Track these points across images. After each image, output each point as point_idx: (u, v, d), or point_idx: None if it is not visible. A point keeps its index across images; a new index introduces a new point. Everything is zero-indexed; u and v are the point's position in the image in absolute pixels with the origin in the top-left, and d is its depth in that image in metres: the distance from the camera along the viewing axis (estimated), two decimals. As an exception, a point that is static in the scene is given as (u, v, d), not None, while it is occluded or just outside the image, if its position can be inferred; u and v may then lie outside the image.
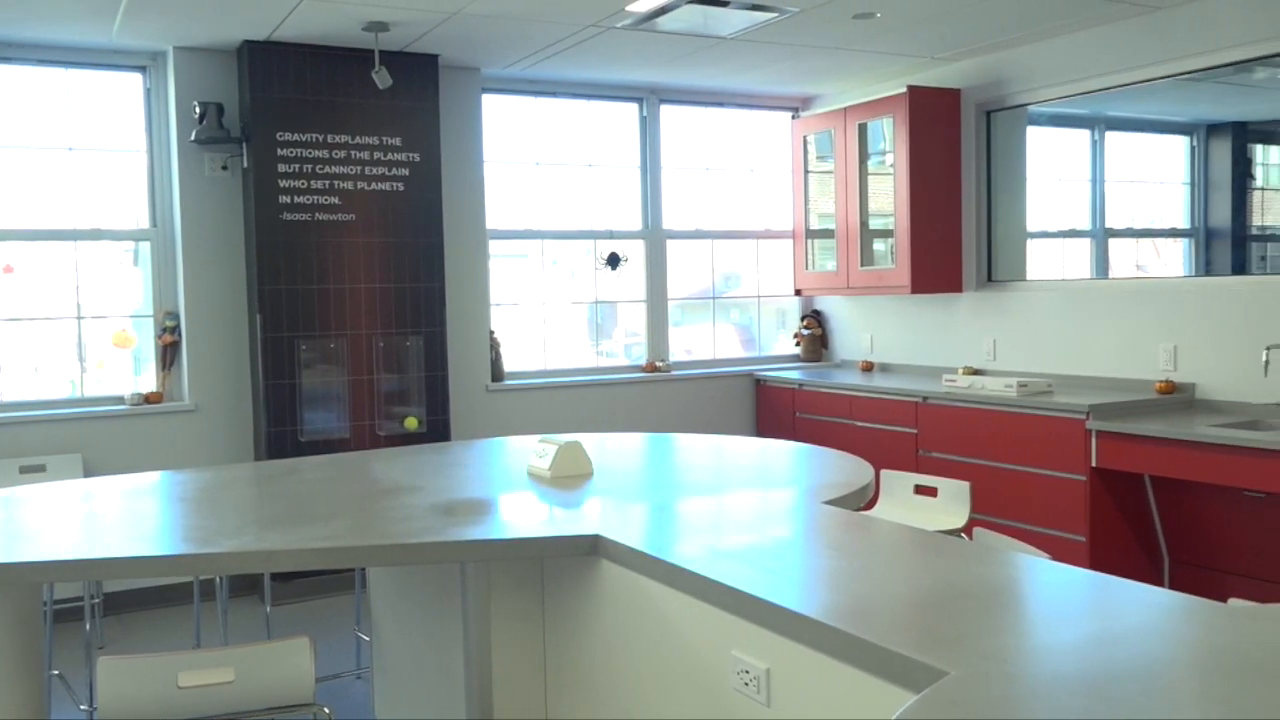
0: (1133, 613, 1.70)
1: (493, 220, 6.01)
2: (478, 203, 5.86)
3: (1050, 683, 1.43)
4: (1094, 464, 4.51)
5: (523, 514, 2.66)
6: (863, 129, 6.15)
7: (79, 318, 5.23)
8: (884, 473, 3.66)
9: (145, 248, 5.34)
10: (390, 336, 5.36)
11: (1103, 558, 4.53)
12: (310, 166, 5.14)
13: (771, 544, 2.22)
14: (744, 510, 2.61)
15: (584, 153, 6.34)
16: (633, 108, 6.45)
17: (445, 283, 5.53)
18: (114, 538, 2.44)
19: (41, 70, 5.11)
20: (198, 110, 5.10)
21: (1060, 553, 4.46)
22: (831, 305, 6.94)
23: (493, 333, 5.99)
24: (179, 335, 5.29)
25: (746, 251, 6.91)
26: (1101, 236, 5.40)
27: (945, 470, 5.07)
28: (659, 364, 6.47)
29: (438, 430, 5.45)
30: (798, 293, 6.82)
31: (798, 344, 6.99)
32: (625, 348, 6.63)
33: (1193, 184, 4.95)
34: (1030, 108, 5.57)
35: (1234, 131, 4.84)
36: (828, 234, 6.51)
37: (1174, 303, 4.86)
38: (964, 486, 3.43)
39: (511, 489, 2.95)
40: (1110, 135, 5.38)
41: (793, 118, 6.80)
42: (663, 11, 4.64)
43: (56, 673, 3.96)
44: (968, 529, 3.29)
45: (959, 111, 5.87)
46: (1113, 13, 4.84)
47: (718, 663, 1.97)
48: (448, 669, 2.78)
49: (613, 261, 6.28)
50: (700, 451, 3.58)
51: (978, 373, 5.71)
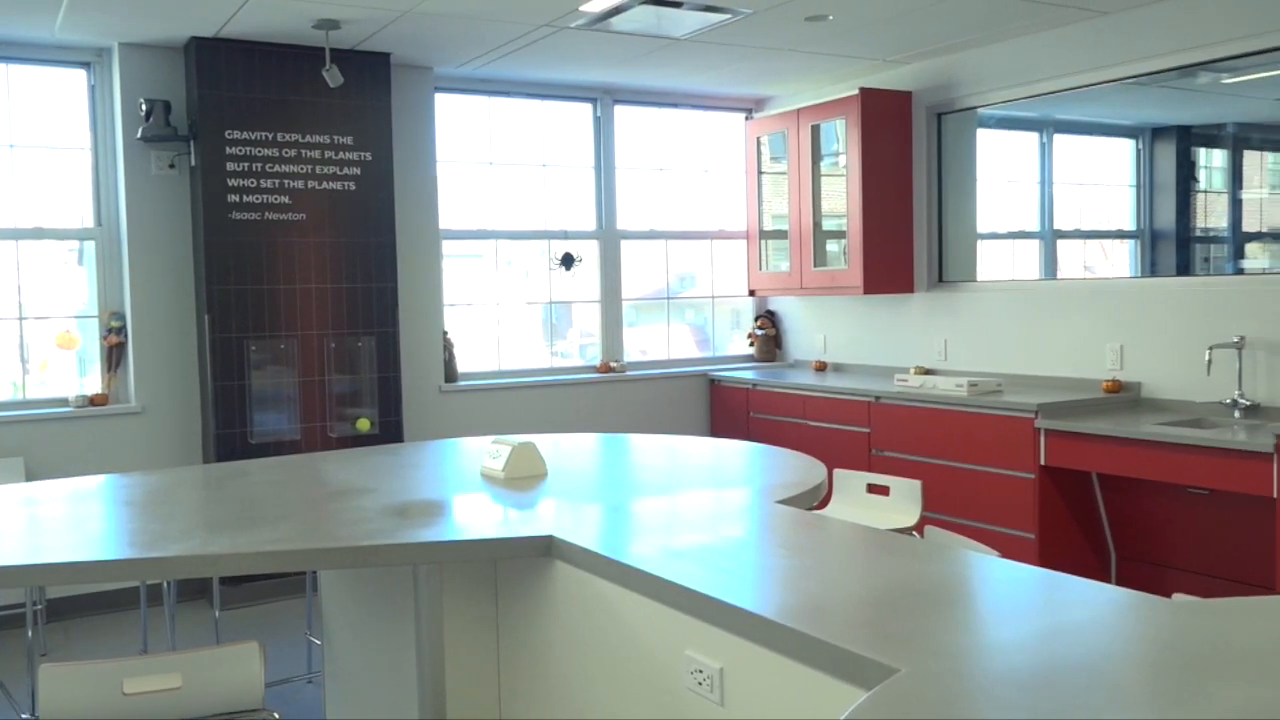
0: (1080, 609, 1.73)
1: (446, 220, 5.97)
2: (431, 203, 5.82)
3: (998, 678, 1.44)
4: (1043, 462, 4.57)
5: (476, 515, 2.65)
6: (815, 130, 6.19)
7: (21, 318, 5.12)
8: (837, 472, 3.68)
9: (90, 247, 5.24)
10: (342, 337, 5.31)
11: (1051, 555, 4.59)
12: (260, 165, 5.08)
13: (725, 544, 2.23)
14: (697, 510, 2.61)
15: (538, 153, 6.32)
16: (587, 108, 6.44)
17: (398, 283, 5.49)
18: (57, 542, 2.39)
19: (-18, 65, 5.01)
20: (144, 108, 5.02)
21: (1010, 550, 4.52)
22: (785, 305, 6.98)
23: (446, 333, 5.96)
24: (125, 336, 5.20)
25: (701, 252, 6.93)
26: (1050, 238, 5.48)
27: (897, 469, 5.12)
28: (613, 364, 6.47)
29: (390, 432, 5.41)
30: (752, 293, 6.84)
31: (752, 344, 7.02)
32: (580, 348, 6.62)
33: (1138, 186, 5.03)
34: (980, 110, 5.64)
35: (1178, 135, 4.93)
36: (781, 235, 6.54)
37: (1120, 303, 4.94)
38: (915, 485, 3.46)
39: (465, 490, 2.93)
40: (1059, 138, 5.46)
41: (746, 119, 6.83)
42: (616, 12, 4.64)
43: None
44: (919, 527, 3.32)
45: (910, 113, 5.92)
46: (1060, 17, 4.91)
47: (671, 662, 1.97)
48: (400, 672, 2.75)
49: (567, 262, 6.26)
50: (654, 452, 3.58)
51: (929, 372, 5.77)
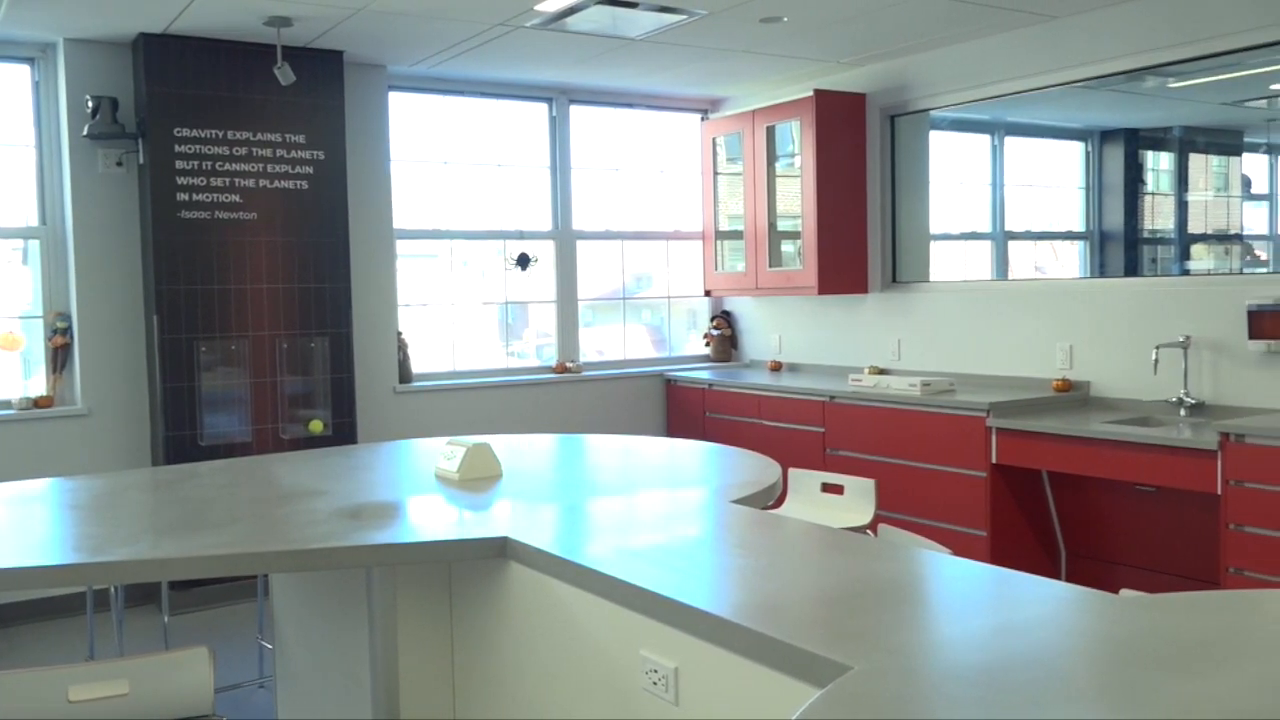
0: (1030, 605, 1.75)
1: (400, 220, 5.93)
2: (385, 202, 5.77)
3: (949, 674, 1.46)
4: (994, 460, 4.62)
5: (430, 517, 2.63)
6: (770, 131, 6.21)
7: (-37, 319, 5.02)
8: (791, 471, 3.70)
9: (34, 245, 5.14)
10: (294, 338, 5.25)
11: (1002, 552, 4.65)
12: (210, 163, 5.01)
13: (680, 543, 2.23)
14: (653, 510, 2.61)
15: (494, 152, 6.29)
16: (542, 108, 6.43)
17: (351, 283, 5.43)
18: (0, 547, 2.34)
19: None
20: (91, 104, 4.93)
21: (962, 548, 4.56)
22: (741, 306, 7.00)
23: (400, 334, 5.91)
24: (71, 337, 5.10)
25: (657, 252, 6.93)
26: (1001, 239, 5.54)
27: (852, 468, 5.15)
28: (569, 365, 6.45)
29: (344, 433, 5.36)
30: (707, 293, 6.86)
31: (707, 344, 7.04)
32: (536, 349, 6.60)
33: (1088, 188, 5.11)
34: (933, 112, 5.70)
35: (1126, 138, 5.01)
36: (737, 235, 6.56)
37: (1070, 303, 5.01)
38: (869, 484, 3.49)
39: (419, 492, 2.91)
40: (1010, 140, 5.53)
41: (702, 120, 6.85)
42: (572, 11, 4.63)
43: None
44: (873, 526, 3.35)
45: (864, 115, 5.97)
46: (1011, 21, 4.98)
47: (626, 662, 1.97)
48: (353, 675, 2.73)
49: (522, 262, 6.24)
50: (610, 452, 3.58)
51: (883, 372, 5.81)
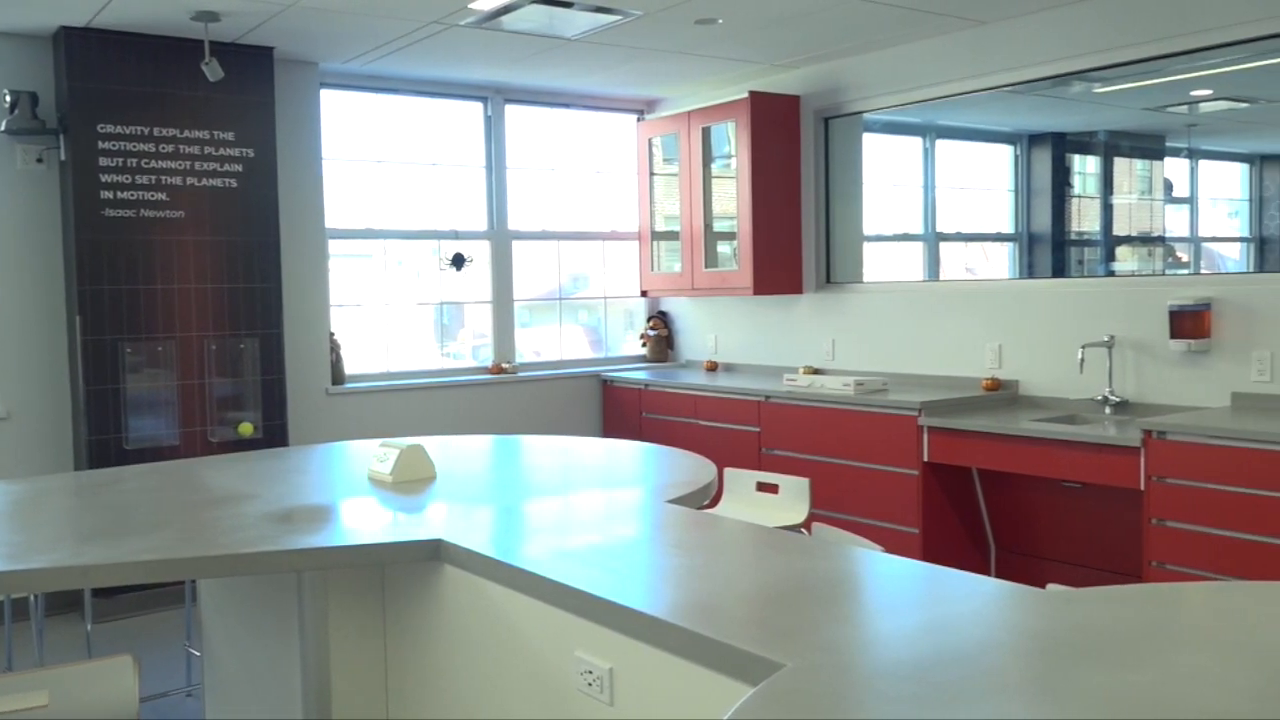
0: (960, 601, 1.77)
1: (333, 219, 5.85)
2: (316, 201, 5.69)
3: (881, 670, 1.47)
4: (926, 459, 4.69)
5: (363, 520, 2.60)
6: (706, 133, 6.24)
7: (-126, 320, 4.84)
8: (727, 471, 3.72)
9: (-49, 245, 4.99)
10: (224, 339, 5.15)
11: (934, 548, 4.71)
12: (135, 161, 4.89)
13: (615, 544, 2.23)
14: (588, 511, 2.61)
15: (428, 152, 6.24)
16: (477, 107, 6.38)
17: (283, 283, 5.35)
18: (-89, 556, 2.26)
19: None
20: (9, 99, 4.80)
21: (895, 545, 4.63)
22: (677, 306, 7.02)
23: (333, 334, 5.83)
24: (-11, 338, 4.96)
25: (593, 253, 6.92)
26: (933, 240, 5.63)
27: (787, 467, 5.19)
28: (505, 365, 6.42)
29: (274, 436, 5.27)
30: (644, 294, 6.87)
31: (644, 344, 7.05)
32: (472, 349, 6.55)
33: (1017, 191, 5.20)
34: (865, 115, 5.76)
35: (1053, 142, 5.11)
36: (673, 236, 6.58)
37: (999, 304, 5.10)
38: (804, 483, 3.51)
39: (351, 495, 2.87)
40: (941, 143, 5.61)
41: (638, 120, 6.85)
42: (507, 10, 4.60)
43: None
44: (808, 524, 3.37)
45: (799, 117, 6.02)
46: (942, 26, 5.05)
47: (561, 663, 1.96)
48: (284, 681, 2.68)
49: (457, 262, 6.19)
50: (546, 453, 3.57)
51: (818, 372, 5.87)
